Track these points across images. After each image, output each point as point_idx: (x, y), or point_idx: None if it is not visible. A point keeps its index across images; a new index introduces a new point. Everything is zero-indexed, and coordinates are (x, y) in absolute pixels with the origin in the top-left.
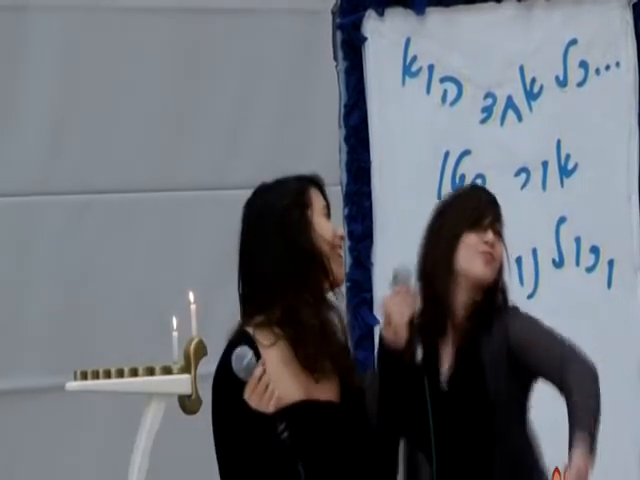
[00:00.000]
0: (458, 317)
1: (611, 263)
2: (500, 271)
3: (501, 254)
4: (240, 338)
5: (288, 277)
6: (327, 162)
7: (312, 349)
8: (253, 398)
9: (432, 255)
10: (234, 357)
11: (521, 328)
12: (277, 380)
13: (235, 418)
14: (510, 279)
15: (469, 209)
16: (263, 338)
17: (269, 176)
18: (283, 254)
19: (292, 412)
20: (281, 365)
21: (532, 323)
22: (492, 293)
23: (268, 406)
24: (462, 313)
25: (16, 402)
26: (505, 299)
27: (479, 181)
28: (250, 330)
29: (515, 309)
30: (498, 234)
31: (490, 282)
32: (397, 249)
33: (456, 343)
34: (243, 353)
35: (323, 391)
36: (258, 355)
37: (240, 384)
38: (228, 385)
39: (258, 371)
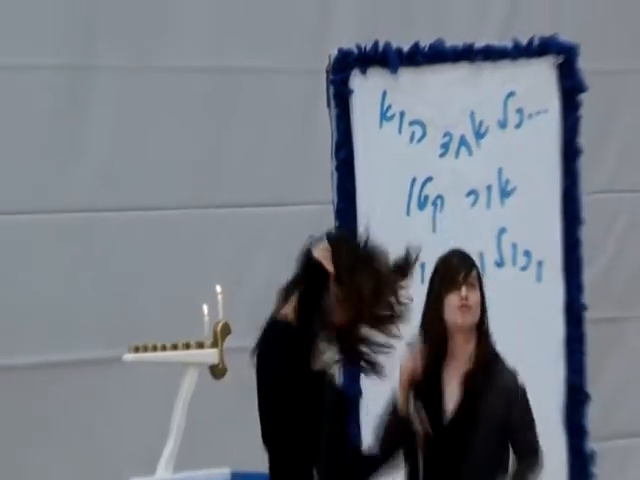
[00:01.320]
0: (458, 359)
1: (540, 263)
2: (482, 310)
3: (476, 300)
4: None
5: None
6: (323, 186)
7: None
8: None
9: (428, 315)
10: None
11: (514, 397)
12: None
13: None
14: None
15: (447, 275)
16: None
17: (281, 195)
18: None
19: None
20: None
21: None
22: (480, 331)
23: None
24: (464, 356)
25: (76, 372)
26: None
27: (439, 201)
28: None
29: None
30: (471, 284)
31: (474, 322)
32: None
33: (462, 385)
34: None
35: None
36: None
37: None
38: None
39: None
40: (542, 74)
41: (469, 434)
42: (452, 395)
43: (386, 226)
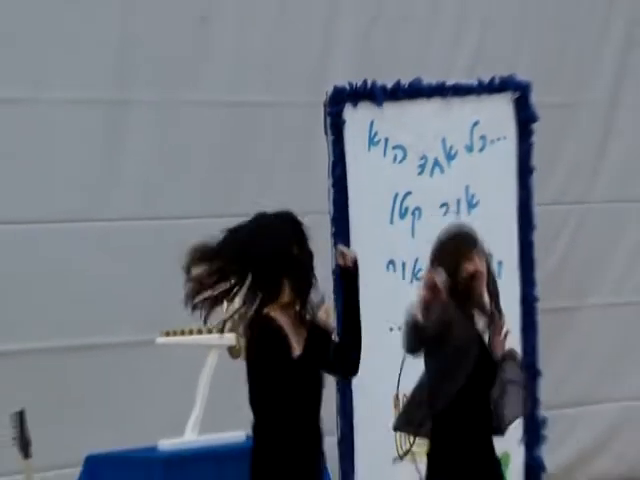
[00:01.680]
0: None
1: (500, 263)
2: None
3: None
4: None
5: None
6: (321, 198)
7: None
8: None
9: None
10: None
11: None
12: None
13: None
14: None
15: (464, 241)
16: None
17: (288, 205)
18: None
19: None
20: None
21: None
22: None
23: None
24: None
25: (116, 353)
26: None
27: (417, 212)
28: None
29: None
30: (480, 254)
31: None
32: (366, 257)
33: None
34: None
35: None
36: None
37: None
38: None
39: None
40: (501, 107)
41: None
42: None
43: (373, 232)
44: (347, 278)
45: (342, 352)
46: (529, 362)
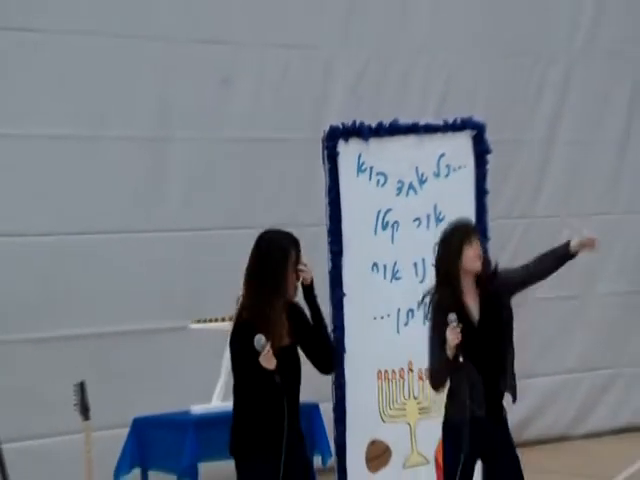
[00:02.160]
0: (470, 291)
1: None
2: (484, 259)
3: (480, 252)
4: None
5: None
6: (320, 214)
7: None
8: (264, 362)
9: (449, 264)
10: (255, 339)
11: (503, 276)
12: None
13: (248, 359)
14: (415, 274)
15: (466, 230)
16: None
17: (294, 219)
18: None
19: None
20: None
21: (504, 270)
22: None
23: (270, 365)
24: (473, 288)
25: (155, 336)
26: (489, 268)
27: (395, 225)
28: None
29: (497, 272)
30: (478, 240)
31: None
32: (355, 260)
33: (479, 302)
34: (260, 338)
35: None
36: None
37: (256, 352)
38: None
39: (267, 350)
40: (462, 142)
41: (490, 331)
42: (475, 312)
43: (360, 241)
44: (308, 292)
45: (317, 356)
46: None
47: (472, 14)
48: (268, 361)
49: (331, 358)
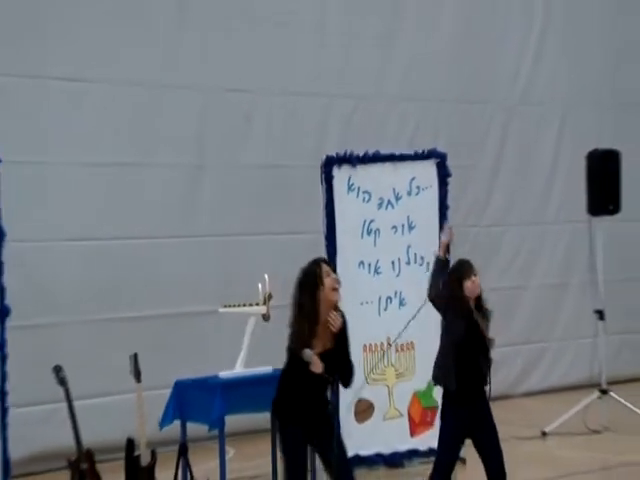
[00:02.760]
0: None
1: (428, 263)
2: (479, 290)
3: (479, 284)
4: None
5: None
6: (319, 224)
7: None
8: (314, 369)
9: (450, 289)
10: (304, 352)
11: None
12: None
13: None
14: (392, 269)
15: (467, 270)
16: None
17: (299, 228)
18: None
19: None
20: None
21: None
22: (480, 299)
23: (319, 370)
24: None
25: (193, 318)
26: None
27: (377, 232)
28: None
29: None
30: (476, 276)
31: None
32: (346, 259)
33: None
34: (308, 353)
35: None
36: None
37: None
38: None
39: (315, 359)
40: (429, 168)
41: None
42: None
43: (350, 244)
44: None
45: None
46: None
47: (435, 71)
48: (316, 367)
49: (350, 379)
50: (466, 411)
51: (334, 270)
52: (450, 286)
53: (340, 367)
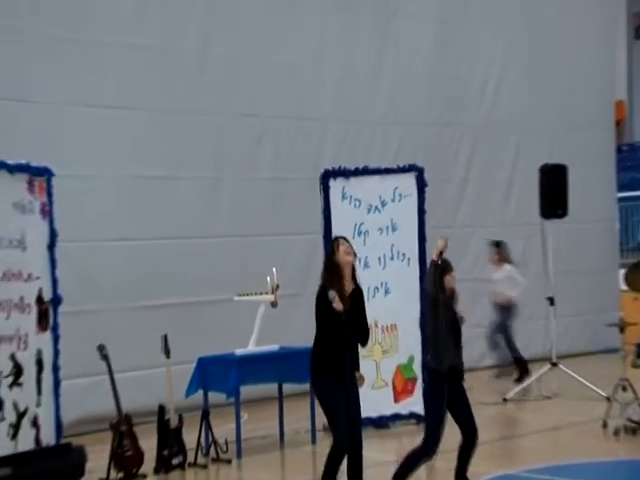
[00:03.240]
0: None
1: (409, 259)
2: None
3: (455, 279)
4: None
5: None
6: (318, 226)
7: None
8: (335, 307)
9: (432, 281)
10: (329, 293)
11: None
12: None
13: (326, 310)
14: (379, 264)
15: (447, 267)
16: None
17: (303, 229)
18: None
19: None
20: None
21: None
22: (453, 291)
23: (339, 307)
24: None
25: (211, 305)
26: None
27: (366, 233)
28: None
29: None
30: (453, 272)
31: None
32: None
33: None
34: (332, 293)
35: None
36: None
37: (329, 302)
38: (325, 301)
39: (336, 299)
40: (409, 179)
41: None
42: None
43: None
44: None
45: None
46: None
47: (414, 100)
48: (337, 305)
49: (366, 337)
50: (448, 385)
51: (350, 244)
52: (433, 278)
53: (357, 327)
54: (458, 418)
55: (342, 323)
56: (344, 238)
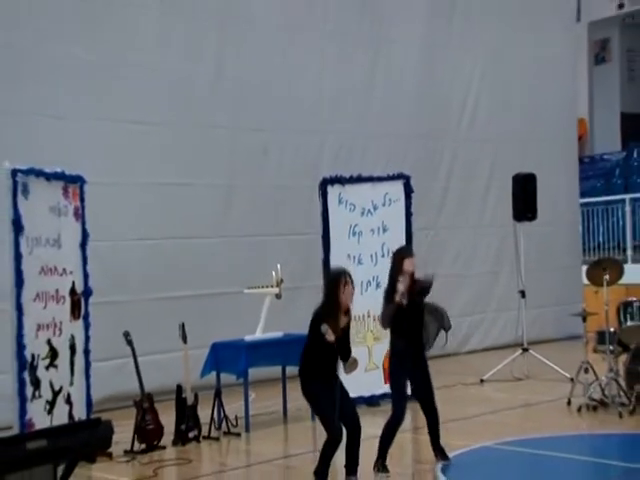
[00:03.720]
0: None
1: None
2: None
3: (414, 263)
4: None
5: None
6: (318, 227)
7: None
8: (327, 338)
9: (395, 268)
10: (322, 327)
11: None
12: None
13: (319, 336)
14: (371, 261)
15: (407, 252)
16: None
17: (303, 230)
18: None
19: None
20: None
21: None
22: (413, 275)
23: (331, 339)
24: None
25: (221, 298)
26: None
27: (360, 233)
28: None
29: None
30: (413, 256)
31: (413, 272)
32: (337, 253)
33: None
34: (324, 327)
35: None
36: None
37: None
38: (319, 328)
39: (329, 332)
40: (398, 186)
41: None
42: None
43: (340, 243)
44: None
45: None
46: None
47: (402, 116)
48: (329, 337)
49: (347, 356)
50: (410, 363)
51: (351, 281)
52: (395, 263)
53: (343, 349)
54: (421, 400)
55: (332, 348)
56: (349, 275)
